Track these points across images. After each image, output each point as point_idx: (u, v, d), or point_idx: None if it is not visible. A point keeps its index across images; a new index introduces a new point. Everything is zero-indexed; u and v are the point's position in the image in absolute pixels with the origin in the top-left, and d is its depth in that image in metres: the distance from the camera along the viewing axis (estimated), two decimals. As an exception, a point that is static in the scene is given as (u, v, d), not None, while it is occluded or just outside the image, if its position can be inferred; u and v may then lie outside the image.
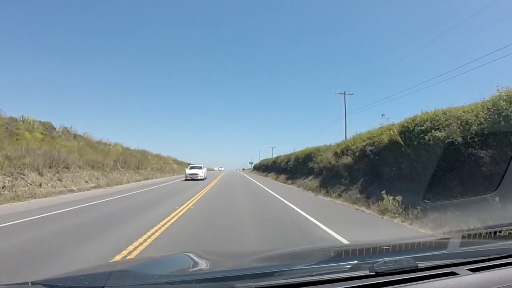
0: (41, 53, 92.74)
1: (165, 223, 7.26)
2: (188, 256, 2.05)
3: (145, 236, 5.93)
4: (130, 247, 5.15)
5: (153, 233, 6.21)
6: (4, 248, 5.21)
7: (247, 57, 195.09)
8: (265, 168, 51.19)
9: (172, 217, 8.11)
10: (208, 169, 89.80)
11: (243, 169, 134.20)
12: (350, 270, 1.47)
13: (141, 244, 5.39)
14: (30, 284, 1.36)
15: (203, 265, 1.90)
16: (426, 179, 7.87)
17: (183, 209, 9.77)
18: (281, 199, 13.30)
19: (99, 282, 1.30)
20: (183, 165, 59.66)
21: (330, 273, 1.44)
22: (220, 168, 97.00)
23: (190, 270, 1.80)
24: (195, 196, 13.71)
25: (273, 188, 19.66)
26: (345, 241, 5.76)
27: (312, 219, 8.26)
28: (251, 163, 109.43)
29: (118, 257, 4.62)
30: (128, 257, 4.62)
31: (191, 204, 10.93)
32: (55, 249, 5.08)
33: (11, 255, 4.80)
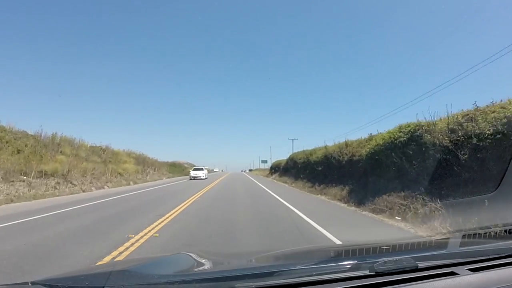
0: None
1: None
2: (188, 256, 2.05)
3: None
4: None
5: None
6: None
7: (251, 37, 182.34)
8: (314, 171, 20.85)
9: None
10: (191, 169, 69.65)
11: (250, 170, 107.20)
12: (350, 270, 1.47)
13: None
14: (30, 284, 1.36)
15: (203, 265, 1.90)
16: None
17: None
18: None
19: (99, 282, 1.31)
20: (153, 166, 37.14)
21: (330, 273, 1.44)
22: (199, 175, 39.95)
23: (190, 270, 1.79)
24: None
25: None
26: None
27: None
28: (264, 161, 79.45)
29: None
30: None
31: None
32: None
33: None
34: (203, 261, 1.96)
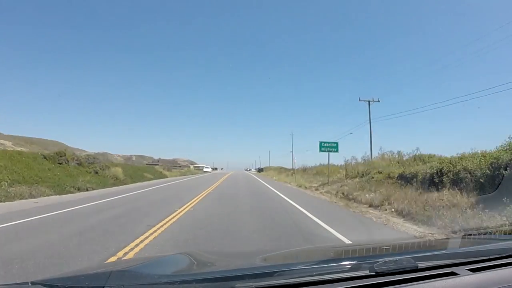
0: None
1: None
2: (188, 256, 2.05)
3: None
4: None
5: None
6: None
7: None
8: None
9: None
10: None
11: (259, 170, 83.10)
12: (350, 270, 1.47)
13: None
14: (30, 284, 1.36)
15: (203, 265, 1.90)
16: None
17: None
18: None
19: (99, 282, 1.31)
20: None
21: (330, 273, 1.44)
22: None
23: (190, 270, 1.79)
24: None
25: None
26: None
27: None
28: (330, 146, 22.04)
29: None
30: None
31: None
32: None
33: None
34: (203, 261, 1.96)
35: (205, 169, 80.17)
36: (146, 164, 55.52)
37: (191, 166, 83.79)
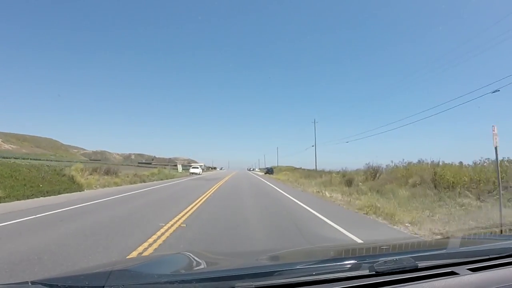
0: None
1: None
2: (188, 255, 2.04)
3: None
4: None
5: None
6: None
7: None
8: None
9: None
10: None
11: (267, 171, 67.63)
12: (350, 269, 1.47)
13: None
14: (30, 284, 1.36)
15: (203, 264, 1.90)
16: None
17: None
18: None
19: (99, 281, 1.30)
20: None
21: (330, 272, 1.44)
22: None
23: (190, 270, 1.79)
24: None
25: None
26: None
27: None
28: None
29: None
30: None
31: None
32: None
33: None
34: (203, 260, 1.96)
35: (192, 170, 50.88)
36: (139, 163, 46.09)
37: (179, 166, 57.84)
